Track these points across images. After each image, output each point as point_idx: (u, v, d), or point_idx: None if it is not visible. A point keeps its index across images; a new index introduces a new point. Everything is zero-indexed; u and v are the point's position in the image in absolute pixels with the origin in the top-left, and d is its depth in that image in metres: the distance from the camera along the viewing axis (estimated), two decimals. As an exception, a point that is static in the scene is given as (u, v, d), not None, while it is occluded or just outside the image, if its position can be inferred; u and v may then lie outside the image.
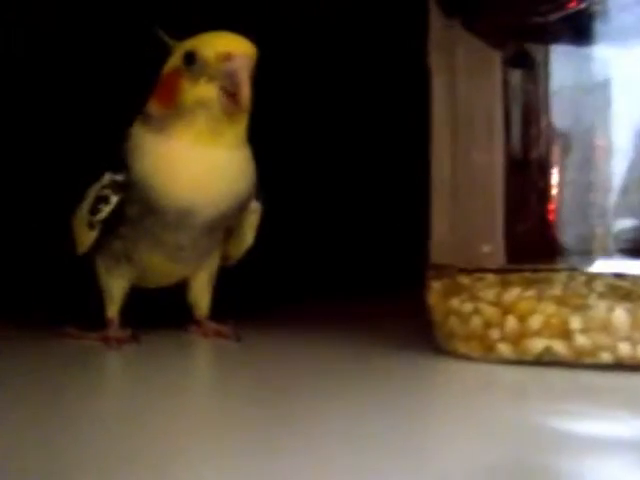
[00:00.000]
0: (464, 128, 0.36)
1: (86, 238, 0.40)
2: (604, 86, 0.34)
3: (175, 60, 0.38)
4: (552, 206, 0.34)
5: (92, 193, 0.39)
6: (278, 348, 0.40)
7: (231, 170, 0.38)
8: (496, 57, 0.36)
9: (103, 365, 0.38)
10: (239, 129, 0.38)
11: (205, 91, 0.36)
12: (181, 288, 0.44)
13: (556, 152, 0.35)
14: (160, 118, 0.38)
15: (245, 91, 0.35)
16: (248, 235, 0.43)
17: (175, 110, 0.37)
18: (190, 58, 0.37)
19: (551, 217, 0.34)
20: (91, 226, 0.39)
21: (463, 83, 0.36)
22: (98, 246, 0.41)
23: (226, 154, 0.38)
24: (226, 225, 0.41)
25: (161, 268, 0.41)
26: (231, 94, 0.36)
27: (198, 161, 0.37)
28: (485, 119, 0.36)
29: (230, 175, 0.38)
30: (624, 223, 0.33)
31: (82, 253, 0.41)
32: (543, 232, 0.35)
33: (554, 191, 0.34)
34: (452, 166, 0.36)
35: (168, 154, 0.38)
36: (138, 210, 0.39)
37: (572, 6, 0.34)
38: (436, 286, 0.35)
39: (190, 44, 0.37)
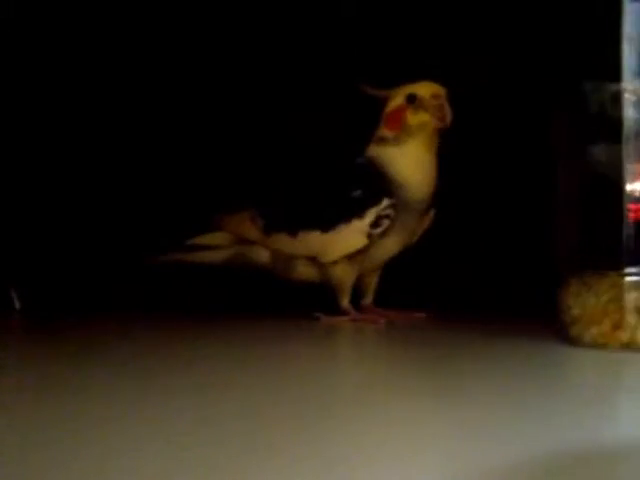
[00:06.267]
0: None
1: (356, 245, 0.56)
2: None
3: (396, 102, 0.57)
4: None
5: (372, 213, 0.56)
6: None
7: (433, 169, 0.57)
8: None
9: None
10: (436, 143, 0.57)
11: (424, 117, 0.56)
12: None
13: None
14: (394, 138, 0.57)
15: (450, 114, 0.55)
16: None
17: (404, 132, 0.56)
18: (412, 98, 0.56)
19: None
20: (369, 237, 0.56)
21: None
22: None
23: (433, 158, 0.57)
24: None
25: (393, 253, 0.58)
26: (440, 118, 0.55)
27: (425, 162, 0.57)
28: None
29: (433, 172, 0.57)
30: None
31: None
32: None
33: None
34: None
35: (409, 160, 0.56)
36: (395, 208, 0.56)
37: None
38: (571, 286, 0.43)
39: (409, 90, 0.57)
